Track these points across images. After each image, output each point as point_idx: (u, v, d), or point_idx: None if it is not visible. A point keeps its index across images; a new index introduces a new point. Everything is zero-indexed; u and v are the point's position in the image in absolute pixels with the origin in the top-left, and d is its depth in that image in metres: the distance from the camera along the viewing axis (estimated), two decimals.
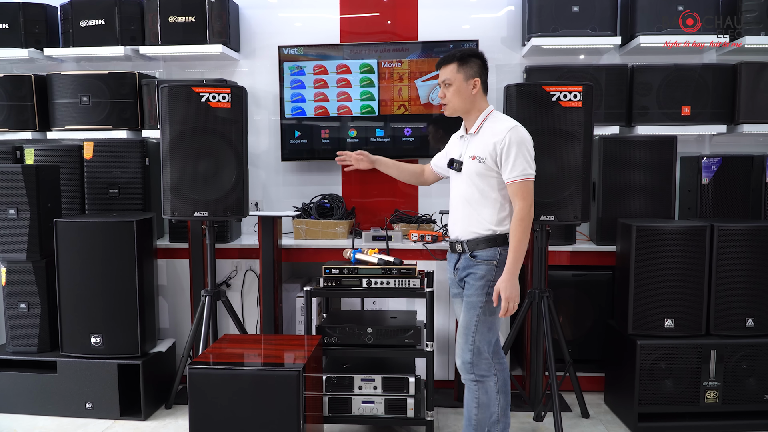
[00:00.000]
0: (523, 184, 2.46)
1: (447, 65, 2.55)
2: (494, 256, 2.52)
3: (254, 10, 4.04)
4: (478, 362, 2.53)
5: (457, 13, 3.93)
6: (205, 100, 3.00)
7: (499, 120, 2.55)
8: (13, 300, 3.33)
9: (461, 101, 2.55)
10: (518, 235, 2.44)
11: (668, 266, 3.02)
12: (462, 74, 2.53)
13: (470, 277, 2.55)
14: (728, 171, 3.47)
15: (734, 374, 3.02)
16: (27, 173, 3.23)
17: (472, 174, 2.52)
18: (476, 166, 2.51)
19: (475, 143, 2.54)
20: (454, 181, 2.65)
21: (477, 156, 2.51)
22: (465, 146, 2.60)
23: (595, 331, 3.52)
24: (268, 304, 3.42)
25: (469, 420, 2.59)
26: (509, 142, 2.44)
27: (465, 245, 2.56)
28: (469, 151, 2.55)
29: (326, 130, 3.88)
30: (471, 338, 2.53)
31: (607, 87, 3.60)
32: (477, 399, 2.56)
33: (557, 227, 3.43)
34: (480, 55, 2.59)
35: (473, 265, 2.54)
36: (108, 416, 3.22)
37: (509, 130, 2.46)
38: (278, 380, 2.42)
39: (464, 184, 2.57)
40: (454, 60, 2.54)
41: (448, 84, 2.55)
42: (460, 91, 2.54)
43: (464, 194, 2.57)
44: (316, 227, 3.61)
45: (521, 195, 2.45)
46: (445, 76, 2.55)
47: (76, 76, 3.74)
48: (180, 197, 3.04)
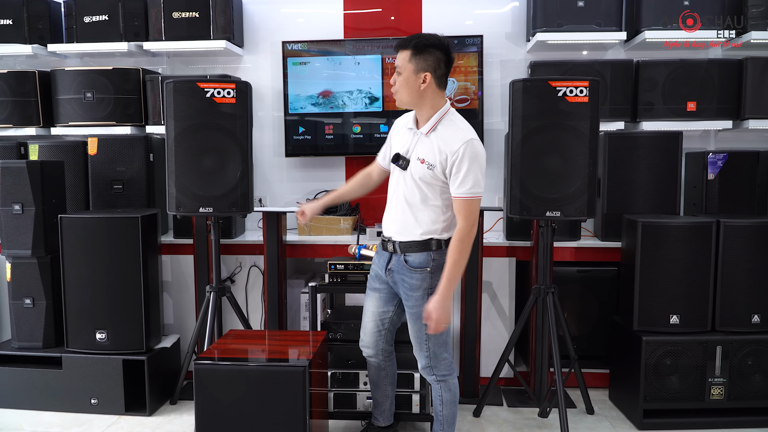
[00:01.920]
0: (470, 203, 2.33)
1: (401, 51, 2.35)
2: (427, 263, 2.42)
3: (258, 5, 4.03)
4: (436, 364, 2.52)
5: (461, 9, 3.92)
6: (210, 96, 2.99)
7: (455, 126, 2.38)
8: (18, 296, 3.33)
9: (408, 94, 2.37)
10: (455, 255, 2.32)
11: (674, 262, 3.01)
12: (413, 65, 2.33)
13: (405, 286, 2.48)
14: (734, 167, 3.45)
15: (740, 371, 3.01)
16: (32, 169, 3.23)
17: (417, 178, 2.38)
18: (423, 171, 2.36)
19: (427, 146, 2.37)
20: (396, 177, 2.50)
21: (427, 161, 2.35)
22: (414, 144, 2.42)
23: (600, 328, 3.51)
24: (272, 299, 3.42)
25: (437, 415, 2.61)
26: (462, 156, 2.29)
27: (397, 246, 2.46)
28: (419, 153, 2.39)
29: (330, 126, 3.88)
30: (425, 345, 2.50)
31: (612, 82, 3.59)
32: (441, 397, 2.56)
33: (562, 223, 3.42)
34: (442, 45, 2.35)
35: (407, 272, 2.45)
36: (113, 412, 3.23)
37: (465, 142, 2.30)
38: (284, 376, 2.42)
39: (407, 185, 2.42)
40: (409, 47, 2.33)
41: (398, 72, 2.37)
42: (408, 83, 2.35)
43: (405, 195, 2.43)
44: (320, 223, 3.61)
45: (465, 213, 2.32)
46: (397, 62, 2.37)
47: (79, 72, 3.73)
48: (185, 193, 3.04)
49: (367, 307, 2.68)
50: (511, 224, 3.49)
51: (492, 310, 3.56)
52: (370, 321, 2.67)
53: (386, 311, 2.62)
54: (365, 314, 2.69)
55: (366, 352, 2.73)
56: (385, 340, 2.67)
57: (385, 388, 2.79)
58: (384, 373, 2.76)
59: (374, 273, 2.65)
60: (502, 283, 3.55)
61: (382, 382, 2.77)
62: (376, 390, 2.81)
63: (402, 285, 2.50)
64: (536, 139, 2.89)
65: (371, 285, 2.66)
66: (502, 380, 3.52)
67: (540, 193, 2.90)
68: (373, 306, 2.65)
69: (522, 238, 3.49)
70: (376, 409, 2.85)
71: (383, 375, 2.76)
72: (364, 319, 2.69)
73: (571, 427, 3.02)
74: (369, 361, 2.76)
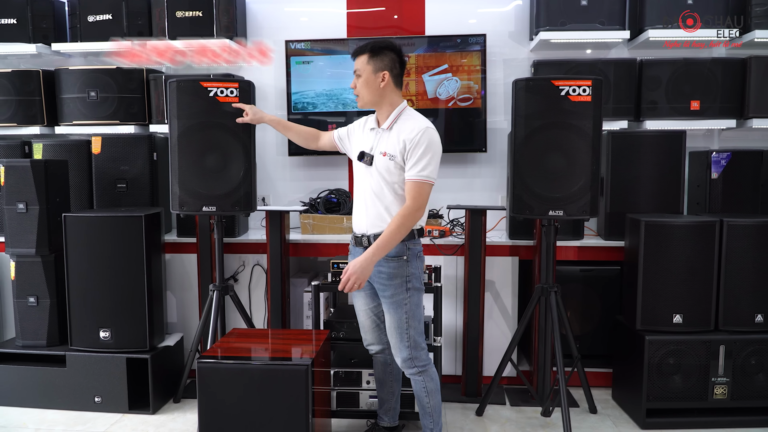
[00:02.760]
0: (419, 185, 2.44)
1: (359, 56, 2.55)
2: (403, 252, 2.53)
3: (261, 4, 4.03)
4: (417, 355, 2.59)
5: (464, 8, 3.92)
6: (213, 95, 3.00)
7: (412, 117, 2.54)
8: (22, 294, 3.34)
9: (369, 93, 2.54)
10: (393, 227, 2.42)
11: (677, 261, 3.01)
12: (371, 66, 2.52)
13: (382, 277, 2.55)
14: (738, 166, 3.44)
15: (743, 370, 3.01)
16: (36, 168, 3.24)
17: (382, 170, 2.51)
18: (386, 163, 2.50)
19: (387, 139, 2.53)
20: (362, 174, 2.62)
21: (388, 153, 2.50)
22: (377, 140, 2.57)
23: (603, 327, 3.51)
24: (275, 298, 3.43)
25: (424, 409, 2.66)
26: (418, 141, 2.43)
27: (372, 239, 2.54)
28: (381, 147, 2.54)
29: (333, 125, 3.88)
30: (406, 335, 2.57)
31: (615, 81, 3.58)
32: (425, 388, 2.63)
33: (565, 222, 3.42)
34: (395, 48, 2.56)
35: (383, 263, 2.53)
36: (117, 410, 3.24)
37: (423, 130, 2.45)
38: (287, 374, 2.43)
39: (373, 179, 2.55)
40: (365, 51, 2.53)
41: (358, 75, 2.55)
42: (369, 83, 2.53)
43: (373, 189, 2.55)
44: (324, 222, 3.61)
45: (414, 194, 2.44)
46: (356, 66, 2.56)
47: (83, 71, 3.75)
48: (188, 192, 3.04)
49: (358, 307, 2.75)
50: (514, 223, 3.49)
51: (495, 309, 3.56)
52: (366, 319, 2.73)
53: (376, 305, 2.69)
54: (359, 314, 2.75)
55: (373, 349, 2.77)
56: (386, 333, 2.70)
57: (391, 385, 2.81)
58: (390, 369, 2.79)
59: None
60: (504, 282, 3.55)
61: (387, 378, 2.80)
62: (382, 388, 2.82)
63: (378, 276, 2.56)
64: (539, 138, 2.89)
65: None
66: (504, 379, 3.52)
67: (543, 193, 2.90)
68: (362, 304, 2.71)
69: (525, 237, 3.49)
70: (382, 407, 2.86)
71: (389, 371, 2.79)
72: (360, 319, 2.75)
73: (574, 426, 3.02)
74: (375, 358, 2.79)
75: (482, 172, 3.99)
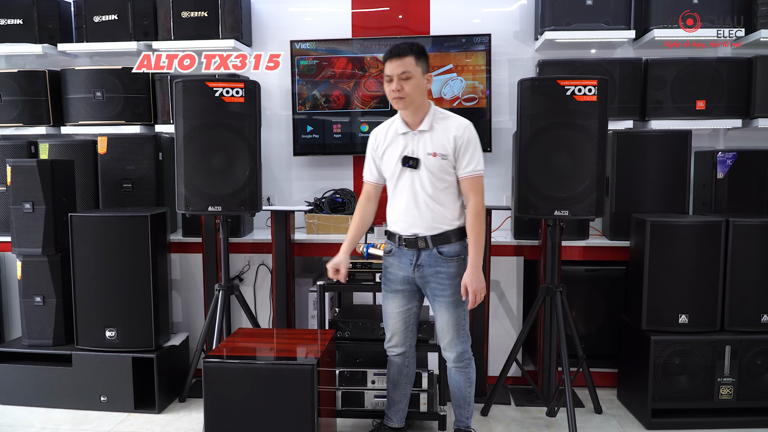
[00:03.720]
0: (478, 179, 2.54)
1: (404, 57, 2.50)
2: (461, 251, 2.58)
3: (266, 4, 4.04)
4: (467, 348, 2.69)
5: (468, 7, 3.91)
6: (219, 95, 3.01)
7: (450, 116, 2.59)
8: (28, 294, 3.35)
9: (419, 95, 2.53)
10: (477, 228, 2.51)
11: (683, 261, 3.00)
12: (420, 67, 2.51)
13: (441, 277, 2.57)
14: (743, 166, 3.43)
15: (749, 370, 3.00)
16: (42, 168, 3.26)
17: (434, 170, 2.52)
18: (438, 163, 2.51)
19: (431, 139, 2.53)
20: (407, 179, 2.57)
21: (439, 153, 2.51)
22: (416, 143, 2.55)
23: (609, 327, 3.50)
24: (280, 298, 3.43)
25: (464, 399, 2.74)
26: (468, 138, 2.51)
27: (429, 240, 2.55)
28: (426, 148, 2.53)
29: (338, 125, 3.89)
30: (462, 331, 2.64)
31: (620, 81, 3.58)
32: (469, 378, 2.72)
33: (570, 222, 3.41)
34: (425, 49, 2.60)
35: (443, 263, 2.56)
36: (122, 409, 3.25)
37: (467, 127, 2.53)
38: (292, 374, 2.43)
39: (423, 181, 2.53)
40: (412, 52, 2.50)
41: (407, 77, 2.49)
42: (419, 84, 2.51)
43: (425, 191, 2.54)
44: (329, 222, 3.61)
45: (476, 189, 2.53)
46: (406, 68, 2.49)
47: (89, 72, 3.76)
48: (194, 192, 3.05)
49: (389, 309, 2.72)
50: (519, 223, 3.49)
51: (500, 309, 3.56)
52: (396, 321, 2.71)
53: (410, 308, 2.70)
54: (389, 317, 2.73)
55: (395, 351, 2.76)
56: (412, 336, 2.75)
57: (404, 387, 2.82)
58: (406, 371, 2.79)
59: (392, 276, 2.69)
60: (509, 282, 3.55)
61: (402, 380, 2.80)
62: (395, 389, 2.82)
63: (436, 277, 2.58)
64: (544, 138, 2.89)
65: (389, 288, 2.71)
66: (509, 379, 3.51)
67: (548, 192, 2.90)
68: (396, 306, 2.70)
69: (530, 237, 3.49)
70: (391, 408, 2.86)
71: (405, 373, 2.79)
72: (389, 321, 2.73)
73: (579, 426, 3.02)
74: (393, 361, 2.79)
75: (487, 172, 3.88)
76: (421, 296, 2.70)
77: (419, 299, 2.71)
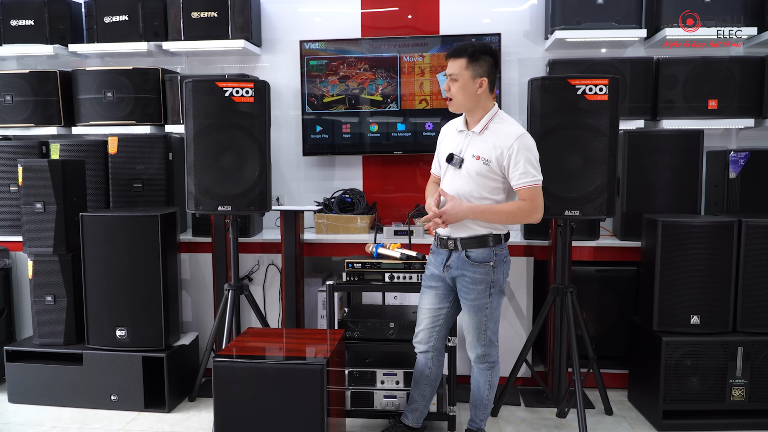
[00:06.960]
0: (533, 190, 2.49)
1: (457, 59, 2.49)
2: (490, 258, 2.55)
3: (275, 5, 4.04)
4: (490, 352, 2.67)
5: (478, 7, 3.90)
6: (229, 95, 3.01)
7: (505, 123, 2.54)
8: (39, 293, 3.37)
9: (465, 99, 2.52)
10: (506, 209, 2.50)
11: (694, 262, 2.97)
12: (470, 71, 2.48)
13: (466, 280, 2.57)
14: (756, 165, 3.40)
15: (761, 372, 2.97)
16: (53, 168, 3.27)
17: (473, 173, 2.52)
18: (480, 167, 2.50)
19: (480, 143, 2.52)
20: (450, 177, 2.61)
21: (482, 157, 2.50)
22: (467, 143, 2.57)
23: (619, 328, 3.48)
24: (290, 298, 3.43)
25: (481, 400, 2.73)
26: (517, 150, 2.45)
27: (458, 243, 2.56)
28: (473, 150, 2.53)
29: (347, 125, 3.88)
30: (483, 335, 2.63)
31: (631, 80, 3.55)
32: (490, 381, 2.71)
33: (581, 222, 3.39)
34: (493, 52, 2.53)
35: (469, 267, 2.56)
36: (133, 408, 3.26)
37: (517, 137, 2.46)
38: (302, 374, 2.43)
39: (462, 181, 2.55)
40: (464, 55, 2.48)
41: (454, 79, 2.51)
42: (466, 88, 2.49)
43: (461, 191, 2.54)
44: (338, 222, 3.61)
45: (531, 198, 2.49)
46: (453, 70, 2.50)
47: (100, 72, 3.78)
48: (204, 192, 3.05)
49: (423, 304, 2.75)
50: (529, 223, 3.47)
51: (509, 309, 3.55)
52: (426, 317, 2.73)
53: (441, 308, 2.70)
54: (421, 311, 2.75)
55: (419, 348, 2.77)
56: (438, 337, 2.74)
57: (423, 388, 2.80)
58: (428, 372, 2.78)
59: (429, 272, 2.72)
60: (519, 282, 3.54)
61: (422, 381, 2.79)
62: (415, 387, 2.83)
63: (462, 279, 2.58)
64: (555, 137, 2.88)
65: (426, 283, 2.74)
66: (519, 380, 3.49)
67: (559, 192, 2.89)
68: (429, 303, 2.72)
69: (540, 237, 3.47)
70: (409, 405, 2.85)
71: (425, 374, 2.78)
72: (420, 316, 2.75)
73: (590, 427, 3.00)
74: (417, 358, 2.80)
75: None
76: (456, 300, 2.69)
77: (452, 302, 2.70)
